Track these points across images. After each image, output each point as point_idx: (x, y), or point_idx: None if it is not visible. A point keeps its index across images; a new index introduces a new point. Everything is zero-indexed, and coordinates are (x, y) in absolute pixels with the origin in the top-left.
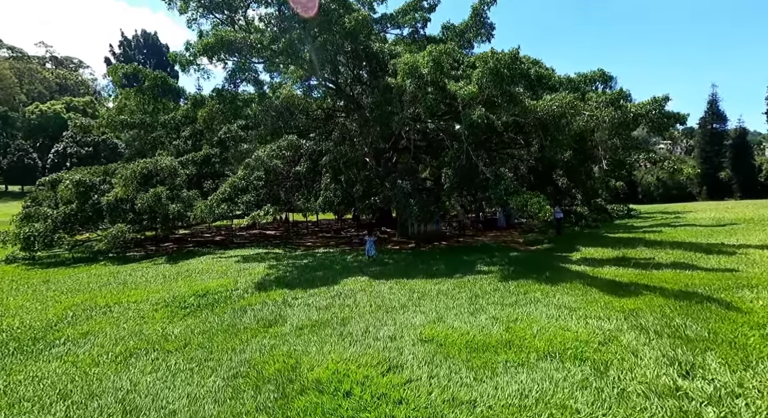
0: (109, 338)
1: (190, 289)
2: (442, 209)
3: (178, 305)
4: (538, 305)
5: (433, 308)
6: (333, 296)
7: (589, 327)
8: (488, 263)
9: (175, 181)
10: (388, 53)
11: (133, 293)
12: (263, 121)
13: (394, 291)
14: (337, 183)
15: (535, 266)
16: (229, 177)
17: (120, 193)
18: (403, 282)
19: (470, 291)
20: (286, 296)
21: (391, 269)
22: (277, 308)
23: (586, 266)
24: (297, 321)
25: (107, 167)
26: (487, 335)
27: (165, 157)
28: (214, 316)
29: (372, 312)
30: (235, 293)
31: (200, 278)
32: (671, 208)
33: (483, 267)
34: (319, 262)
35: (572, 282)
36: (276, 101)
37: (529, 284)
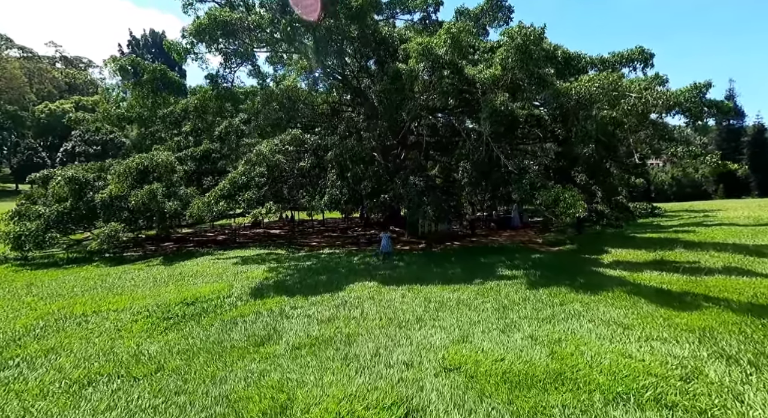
0: (73, 357)
1: (180, 295)
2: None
3: (162, 316)
4: (581, 320)
5: (455, 322)
6: (337, 304)
7: (657, 353)
8: (510, 266)
9: (173, 177)
10: (398, 38)
11: (117, 299)
12: (263, 112)
13: (407, 300)
14: (343, 180)
15: (564, 269)
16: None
17: (114, 191)
18: (417, 288)
19: (495, 301)
20: (284, 305)
21: (402, 273)
22: (273, 321)
23: (622, 270)
24: (294, 338)
25: (102, 164)
26: (528, 362)
27: (161, 153)
28: (199, 329)
29: (382, 327)
30: (228, 301)
31: (193, 282)
32: (696, 206)
33: (505, 271)
34: (324, 264)
35: (613, 290)
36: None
37: (563, 292)
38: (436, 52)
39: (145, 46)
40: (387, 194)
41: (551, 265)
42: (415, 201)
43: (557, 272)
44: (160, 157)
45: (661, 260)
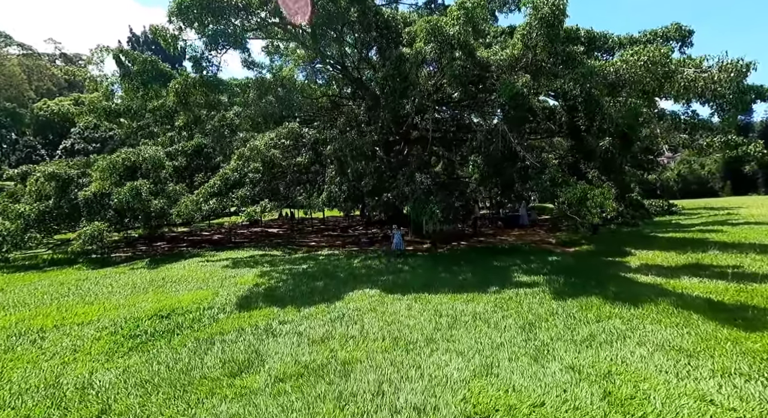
0: (8, 391)
1: (156, 305)
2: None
3: (129, 332)
4: (628, 343)
5: (473, 344)
6: (333, 318)
7: (747, 398)
8: (526, 270)
9: (161, 173)
10: (402, 21)
11: (86, 310)
12: (254, 102)
13: (414, 313)
14: (342, 176)
15: (589, 275)
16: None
17: (97, 188)
18: (425, 298)
19: (518, 315)
20: (272, 319)
21: (407, 278)
22: (257, 340)
23: (655, 275)
24: (279, 365)
25: (88, 159)
26: (577, 410)
27: (148, 147)
28: (168, 351)
29: (386, 350)
30: (208, 313)
31: (174, 289)
32: (712, 203)
33: (522, 276)
34: (321, 268)
35: (656, 302)
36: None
37: (596, 303)
38: (446, 32)
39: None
40: (390, 192)
41: (573, 269)
42: (421, 201)
43: (582, 278)
44: (147, 152)
45: (696, 263)
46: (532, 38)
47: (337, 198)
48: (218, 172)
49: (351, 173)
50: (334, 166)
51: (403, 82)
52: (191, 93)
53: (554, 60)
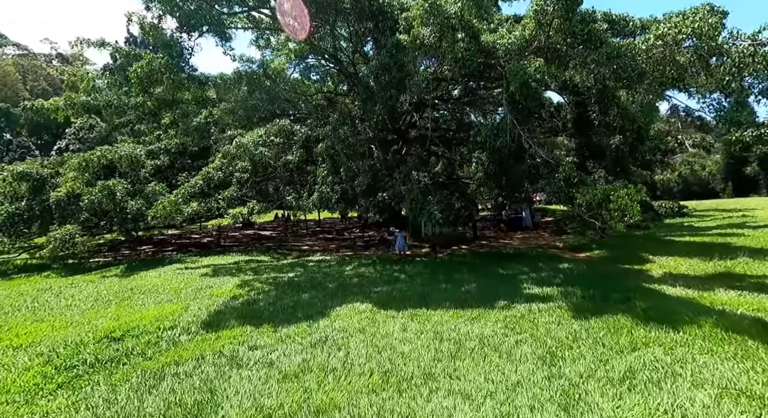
0: None
1: (112, 323)
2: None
3: (65, 361)
4: (679, 383)
5: (483, 383)
6: (314, 342)
7: None
8: (537, 280)
9: (139, 173)
10: (399, 7)
11: (32, 328)
12: (236, 95)
13: (410, 335)
14: (335, 175)
15: (608, 285)
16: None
17: (69, 188)
18: (423, 315)
19: (535, 340)
20: (241, 342)
21: (403, 289)
22: (217, 373)
23: (684, 286)
24: (235, 414)
25: (62, 158)
26: None
27: (125, 144)
28: (104, 390)
29: (374, 391)
30: (169, 334)
31: (141, 303)
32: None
33: (532, 287)
34: (309, 276)
35: (697, 323)
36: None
37: (625, 324)
38: (446, 10)
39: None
40: (385, 192)
41: (588, 278)
42: (419, 201)
43: (602, 290)
44: (123, 149)
45: (727, 273)
46: (547, 15)
47: (329, 199)
48: (201, 171)
49: (344, 172)
50: (326, 165)
51: (399, 71)
52: (158, 80)
53: (572, 40)
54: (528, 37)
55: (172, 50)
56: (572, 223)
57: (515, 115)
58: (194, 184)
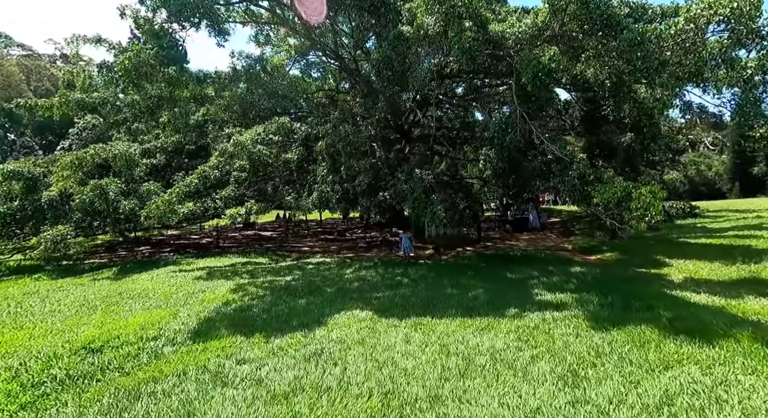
0: None
1: (94, 332)
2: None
3: (35, 377)
4: (726, 411)
5: (498, 408)
6: (308, 355)
7: None
8: (548, 285)
9: (134, 172)
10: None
11: (9, 336)
12: (230, 90)
13: (414, 348)
14: (335, 174)
15: (626, 292)
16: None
17: (61, 187)
18: (427, 324)
19: (552, 355)
20: (229, 356)
21: (406, 295)
22: (198, 392)
23: (709, 293)
24: None
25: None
26: None
27: (119, 143)
28: (71, 412)
29: (372, 416)
30: (153, 345)
31: (127, 308)
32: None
33: (544, 293)
34: (308, 280)
35: (733, 336)
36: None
37: (651, 336)
38: None
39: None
40: (387, 192)
41: (604, 284)
42: (422, 200)
43: (620, 297)
44: (117, 148)
45: (754, 278)
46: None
47: (329, 199)
48: (196, 170)
49: (345, 171)
50: (326, 163)
51: (401, 64)
52: (147, 73)
53: (589, 27)
54: (540, 24)
55: (163, 41)
56: (579, 224)
57: (525, 109)
58: (189, 183)
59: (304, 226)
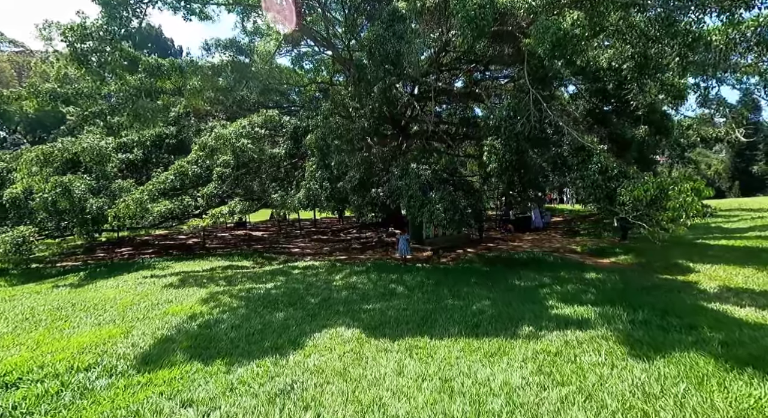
0: None
1: (23, 357)
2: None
3: None
4: None
5: None
6: (274, 394)
7: None
8: (563, 294)
9: (106, 167)
10: None
11: None
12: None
13: (408, 382)
14: (325, 170)
15: (656, 305)
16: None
17: (25, 184)
18: (424, 346)
19: (587, 397)
20: (172, 396)
21: (401, 307)
22: None
23: (755, 306)
24: None
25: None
26: None
27: (90, 136)
28: None
29: None
30: (81, 379)
31: (76, 324)
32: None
33: (560, 306)
34: (291, 288)
35: None
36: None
37: (707, 369)
38: None
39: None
40: (380, 188)
41: (628, 294)
42: (418, 198)
43: (652, 312)
44: (85, 141)
45: None
46: None
47: (318, 196)
48: (173, 165)
49: (334, 166)
50: (315, 158)
51: (397, 44)
52: (98, 50)
53: None
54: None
55: (116, 11)
56: (584, 223)
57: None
58: (164, 179)
59: (297, 225)
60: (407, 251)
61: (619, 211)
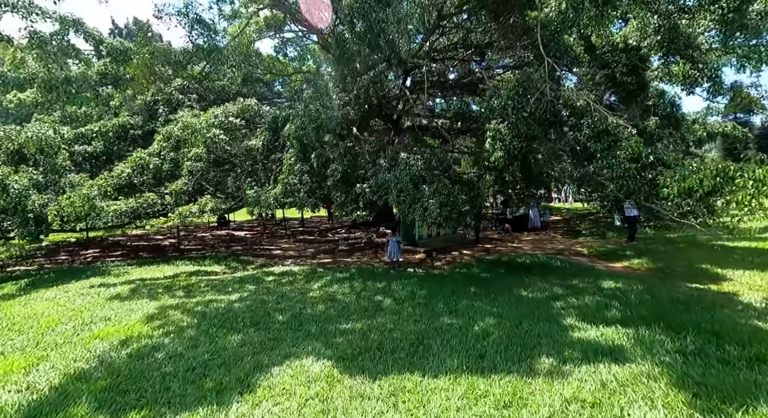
0: None
1: None
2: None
3: None
4: None
5: None
6: None
7: None
8: (582, 310)
9: (56, 160)
10: None
11: None
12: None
13: None
14: (305, 162)
15: (700, 324)
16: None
17: None
18: (413, 390)
19: None
20: None
21: (385, 328)
22: None
23: None
24: None
25: None
26: None
27: (37, 124)
28: None
29: None
30: None
31: None
32: None
33: (582, 326)
34: (258, 300)
35: None
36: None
37: None
38: None
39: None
40: (365, 183)
41: (659, 309)
42: (409, 192)
43: (700, 335)
44: (30, 130)
45: None
46: None
47: (296, 192)
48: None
49: (315, 158)
50: (295, 150)
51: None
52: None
53: None
54: None
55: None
56: (584, 223)
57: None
58: (119, 173)
59: (284, 225)
60: (397, 253)
61: (660, 207)
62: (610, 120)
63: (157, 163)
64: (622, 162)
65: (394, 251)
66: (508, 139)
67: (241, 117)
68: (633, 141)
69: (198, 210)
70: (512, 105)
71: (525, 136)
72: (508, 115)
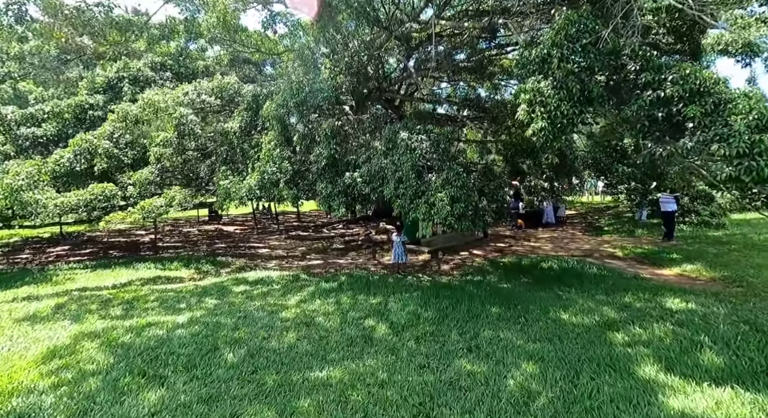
0: None
1: None
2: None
3: None
4: None
5: None
6: None
7: None
8: (659, 347)
9: None
10: None
11: None
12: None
13: None
14: (287, 147)
15: None
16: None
17: None
18: None
19: None
20: None
21: (377, 378)
22: None
23: None
24: None
25: None
26: None
27: None
28: None
29: None
30: None
31: None
32: None
33: (674, 383)
34: (210, 325)
35: None
36: None
37: None
38: None
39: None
40: (357, 171)
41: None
42: (411, 183)
43: None
44: None
45: None
46: None
47: (276, 182)
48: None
49: (297, 141)
50: (275, 131)
51: None
52: None
53: None
54: None
55: None
56: (603, 217)
57: None
58: (57, 159)
59: (276, 220)
60: (402, 256)
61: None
62: (706, 73)
63: (108, 147)
64: (741, 130)
65: (399, 253)
66: (553, 103)
67: (218, 96)
68: (754, 100)
69: (165, 203)
70: (559, 54)
71: (578, 99)
72: (551, 70)
